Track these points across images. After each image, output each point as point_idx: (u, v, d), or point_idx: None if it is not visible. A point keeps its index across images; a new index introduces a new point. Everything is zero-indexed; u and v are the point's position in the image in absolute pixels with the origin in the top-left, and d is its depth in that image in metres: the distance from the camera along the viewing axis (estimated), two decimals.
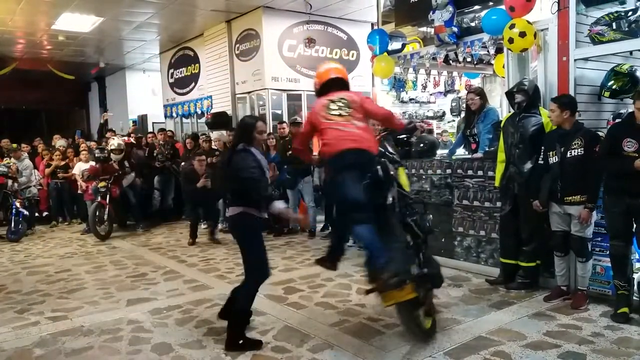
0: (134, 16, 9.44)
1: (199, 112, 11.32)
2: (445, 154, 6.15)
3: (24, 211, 8.33)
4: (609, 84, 4.52)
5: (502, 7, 4.94)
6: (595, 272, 4.25)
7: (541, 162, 4.27)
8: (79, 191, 9.28)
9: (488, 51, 5.78)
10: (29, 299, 4.92)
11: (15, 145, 9.51)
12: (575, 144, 4.04)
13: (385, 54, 6.58)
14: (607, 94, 4.54)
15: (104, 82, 16.32)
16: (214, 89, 10.66)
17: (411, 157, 5.90)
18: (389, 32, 6.72)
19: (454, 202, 5.42)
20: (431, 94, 9.31)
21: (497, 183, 4.78)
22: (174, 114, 12.37)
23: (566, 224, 4.16)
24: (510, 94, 4.62)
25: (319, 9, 9.15)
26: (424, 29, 7.42)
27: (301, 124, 8.13)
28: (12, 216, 8.19)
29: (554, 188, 4.15)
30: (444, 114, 9.25)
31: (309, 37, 9.43)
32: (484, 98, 5.61)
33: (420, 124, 6.74)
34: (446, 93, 9.14)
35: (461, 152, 6.06)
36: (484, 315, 4.05)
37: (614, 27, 4.18)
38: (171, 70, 12.32)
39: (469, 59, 7.10)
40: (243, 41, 9.66)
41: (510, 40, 4.74)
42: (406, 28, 7.16)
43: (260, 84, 9.28)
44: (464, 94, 7.50)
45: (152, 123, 13.53)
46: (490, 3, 5.51)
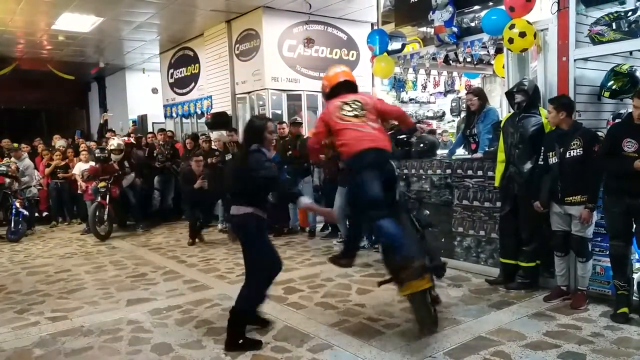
0: (134, 16, 9.44)
1: (199, 112, 11.30)
2: (445, 154, 6.15)
3: (23, 211, 8.33)
4: (609, 84, 4.51)
5: (502, 7, 4.94)
6: (595, 272, 4.25)
7: (541, 163, 4.27)
8: (78, 191, 9.29)
9: (488, 51, 5.79)
10: (28, 299, 4.91)
11: (16, 145, 9.51)
12: (574, 144, 4.04)
13: (385, 54, 6.58)
14: (607, 94, 4.53)
15: (104, 82, 16.31)
16: (213, 89, 10.65)
17: (411, 157, 5.91)
18: (388, 32, 6.72)
19: (454, 202, 5.42)
20: (431, 94, 9.33)
21: (497, 183, 4.78)
22: (174, 114, 12.36)
23: (567, 224, 4.16)
24: (510, 94, 4.62)
25: (319, 9, 9.14)
26: (424, 29, 7.42)
27: (301, 124, 8.17)
28: (12, 216, 8.18)
29: (554, 188, 4.15)
30: (443, 114, 9.26)
31: (308, 37, 9.43)
32: (483, 98, 5.61)
33: (421, 126, 6.76)
34: (446, 93, 9.16)
35: (461, 152, 6.06)
36: (483, 315, 4.05)
37: (614, 27, 4.18)
38: (171, 71, 12.32)
39: (468, 59, 7.11)
40: (243, 41, 9.65)
41: (510, 41, 4.74)
42: (406, 28, 7.16)
43: (260, 84, 9.27)
44: (464, 94, 7.50)
45: (152, 123, 13.51)
46: (490, 3, 5.51)
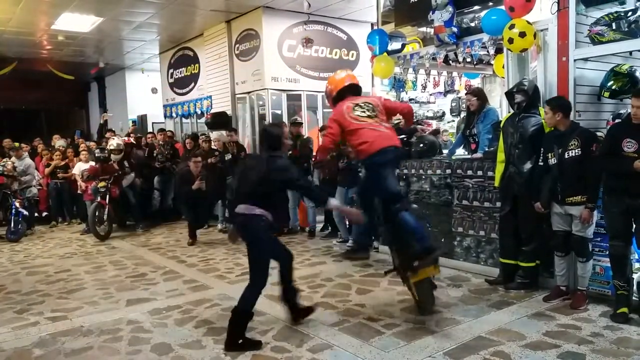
0: (134, 16, 9.43)
1: (199, 112, 11.29)
2: (445, 154, 6.15)
3: (23, 211, 8.33)
4: (609, 84, 4.51)
5: (502, 7, 4.94)
6: (595, 272, 4.25)
7: (541, 164, 4.28)
8: (78, 191, 9.30)
9: (488, 51, 5.79)
10: (28, 299, 4.92)
11: (17, 144, 9.51)
12: (572, 144, 4.04)
13: (385, 54, 6.58)
14: (606, 94, 4.53)
15: (104, 82, 16.29)
16: (213, 89, 10.64)
17: (411, 157, 5.91)
18: (388, 32, 6.71)
19: (454, 202, 5.42)
20: (431, 94, 9.31)
21: (496, 183, 4.78)
22: (174, 114, 12.34)
23: (567, 224, 4.17)
24: (510, 94, 4.62)
25: (319, 9, 9.13)
26: (424, 29, 7.41)
27: (301, 124, 8.17)
28: (12, 216, 8.19)
29: (554, 189, 4.16)
30: (443, 114, 9.24)
31: (307, 37, 9.42)
32: (482, 99, 5.61)
33: (421, 127, 6.79)
34: (446, 93, 9.14)
35: (461, 152, 6.06)
36: (483, 315, 4.05)
37: (614, 27, 4.18)
38: (171, 70, 12.31)
39: (468, 59, 7.10)
40: (243, 41, 9.65)
41: (510, 41, 4.74)
42: (406, 28, 7.16)
43: (260, 84, 9.27)
44: (464, 94, 7.50)
45: (152, 123, 13.50)
46: (490, 3, 5.51)
